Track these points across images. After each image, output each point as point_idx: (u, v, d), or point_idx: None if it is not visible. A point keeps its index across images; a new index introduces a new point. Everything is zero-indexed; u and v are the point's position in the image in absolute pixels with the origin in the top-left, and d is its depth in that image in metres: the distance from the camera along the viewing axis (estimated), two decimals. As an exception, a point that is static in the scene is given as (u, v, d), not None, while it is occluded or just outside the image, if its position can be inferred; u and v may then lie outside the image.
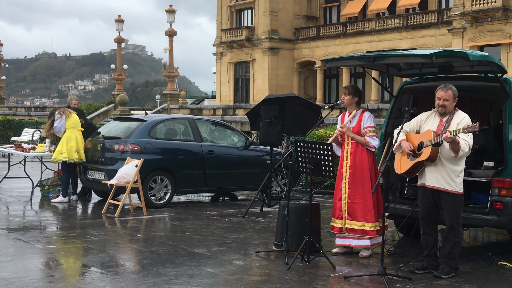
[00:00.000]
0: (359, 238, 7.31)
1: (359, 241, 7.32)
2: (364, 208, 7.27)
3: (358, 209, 7.28)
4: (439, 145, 6.31)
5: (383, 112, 25.89)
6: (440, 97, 6.46)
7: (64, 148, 11.10)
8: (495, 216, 7.01)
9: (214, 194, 13.07)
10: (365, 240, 7.30)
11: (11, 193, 12.44)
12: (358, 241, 7.33)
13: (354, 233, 7.31)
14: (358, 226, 7.28)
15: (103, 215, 10.00)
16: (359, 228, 7.28)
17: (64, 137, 11.22)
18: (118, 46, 46.46)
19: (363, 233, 7.27)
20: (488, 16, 33.32)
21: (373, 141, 7.31)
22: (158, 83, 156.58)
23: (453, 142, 6.14)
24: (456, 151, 6.21)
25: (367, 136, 7.33)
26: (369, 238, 7.27)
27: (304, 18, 48.80)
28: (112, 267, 6.58)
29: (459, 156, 6.27)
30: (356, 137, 7.35)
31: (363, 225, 7.26)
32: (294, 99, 10.84)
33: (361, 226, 7.27)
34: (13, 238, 8.00)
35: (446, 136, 6.09)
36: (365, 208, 7.26)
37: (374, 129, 7.35)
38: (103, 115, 38.58)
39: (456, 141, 6.14)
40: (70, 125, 11.30)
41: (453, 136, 6.08)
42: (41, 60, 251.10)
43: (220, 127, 12.70)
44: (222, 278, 6.25)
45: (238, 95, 50.60)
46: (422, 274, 6.52)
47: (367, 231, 7.25)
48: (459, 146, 6.17)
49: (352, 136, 7.34)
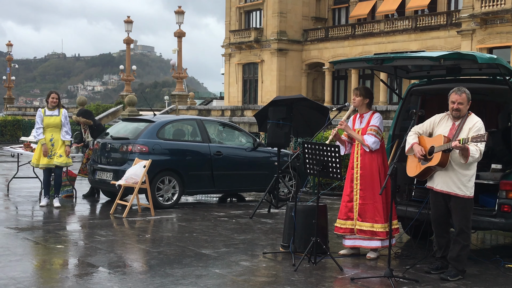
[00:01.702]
0: (369, 239, 7.30)
1: (370, 242, 7.31)
2: (373, 209, 7.26)
3: (368, 210, 7.28)
4: (449, 151, 6.30)
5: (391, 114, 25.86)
6: (455, 100, 6.43)
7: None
8: (502, 219, 7.00)
9: (221, 195, 13.09)
10: (375, 241, 7.29)
11: (20, 193, 12.51)
12: (369, 242, 7.32)
13: (364, 234, 7.30)
14: (368, 227, 7.27)
15: (111, 216, 10.04)
16: (368, 229, 7.27)
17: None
18: (127, 47, 46.58)
19: (373, 234, 7.26)
20: (497, 18, 33.20)
21: (369, 138, 7.25)
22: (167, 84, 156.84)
23: (462, 150, 6.14)
24: (465, 157, 6.19)
25: (366, 134, 7.32)
26: (379, 239, 7.26)
27: (313, 20, 48.78)
28: (119, 267, 6.61)
29: (469, 162, 6.24)
30: (353, 134, 7.35)
31: (372, 226, 7.25)
32: (302, 101, 10.85)
33: (370, 227, 7.27)
34: (21, 237, 8.05)
35: (455, 145, 6.09)
36: (374, 209, 7.26)
37: (376, 129, 7.27)
38: (112, 116, 38.69)
39: (465, 148, 6.13)
40: None
41: (462, 145, 6.06)
42: (51, 61, 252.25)
43: (228, 128, 12.72)
44: (229, 279, 6.27)
45: (246, 96, 50.64)
46: (431, 276, 6.51)
47: (376, 232, 7.24)
48: (468, 152, 6.15)
49: (350, 133, 7.34)
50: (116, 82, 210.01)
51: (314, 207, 7.21)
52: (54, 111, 10.64)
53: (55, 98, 10.66)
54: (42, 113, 10.66)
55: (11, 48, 56.88)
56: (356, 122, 7.48)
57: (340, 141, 7.49)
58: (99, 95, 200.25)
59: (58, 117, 10.63)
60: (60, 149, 10.64)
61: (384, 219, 7.25)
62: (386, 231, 7.23)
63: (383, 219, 7.24)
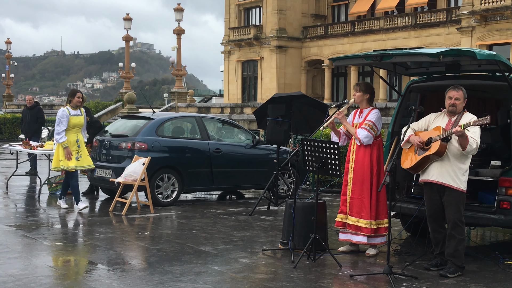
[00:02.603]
0: (354, 234, 7.33)
1: (356, 236, 7.34)
2: (360, 205, 7.28)
3: (355, 205, 7.31)
4: (447, 140, 6.35)
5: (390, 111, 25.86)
6: (452, 96, 6.49)
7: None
8: (502, 216, 6.99)
9: (221, 193, 13.09)
10: (360, 236, 7.30)
11: (19, 190, 12.51)
12: (355, 237, 7.35)
13: (349, 228, 7.35)
14: (353, 222, 7.31)
15: (110, 213, 10.03)
16: (353, 224, 7.30)
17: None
18: (126, 45, 46.54)
19: (357, 229, 7.28)
20: (497, 15, 33.17)
21: (362, 132, 7.24)
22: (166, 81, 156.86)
23: (462, 136, 6.18)
24: (464, 146, 6.24)
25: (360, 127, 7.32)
26: (364, 235, 7.26)
27: (312, 17, 48.73)
28: (119, 265, 6.61)
29: (466, 151, 6.29)
30: (348, 126, 7.38)
31: (358, 221, 7.27)
32: (301, 98, 10.84)
33: (355, 222, 7.29)
34: (20, 235, 8.04)
35: (456, 130, 6.12)
36: (361, 204, 7.27)
37: (371, 124, 7.25)
38: (111, 113, 38.67)
39: (465, 136, 6.19)
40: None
41: (463, 130, 6.11)
42: (50, 58, 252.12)
43: (228, 126, 12.71)
44: (228, 276, 6.26)
45: (245, 93, 50.61)
46: (429, 273, 6.51)
47: (361, 228, 7.25)
48: (467, 141, 6.22)
49: (345, 124, 7.38)
50: (116, 80, 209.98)
51: (313, 204, 7.21)
52: (77, 111, 10.09)
53: (81, 98, 10.16)
54: (68, 113, 9.95)
55: (10, 45, 56.86)
56: (356, 116, 7.50)
57: (334, 131, 7.51)
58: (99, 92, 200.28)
59: (81, 117, 10.08)
60: (85, 150, 10.17)
61: (370, 215, 7.24)
62: (371, 228, 7.24)
63: (369, 215, 7.23)
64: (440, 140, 6.35)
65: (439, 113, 6.72)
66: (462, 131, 6.13)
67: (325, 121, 7.36)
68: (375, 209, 7.28)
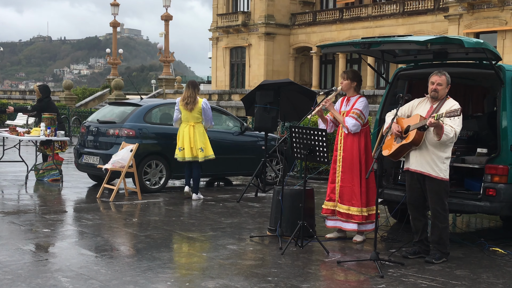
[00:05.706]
0: (346, 221, 7.38)
1: (347, 224, 7.39)
2: (351, 192, 7.32)
3: (345, 193, 7.35)
4: (424, 129, 6.35)
5: (378, 98, 25.94)
6: (434, 81, 6.49)
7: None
8: (487, 203, 7.06)
9: (209, 179, 13.10)
10: (351, 223, 7.35)
11: (6, 177, 12.44)
12: (346, 224, 7.40)
13: (340, 216, 7.39)
14: (344, 210, 7.35)
15: (97, 200, 10.02)
16: (344, 212, 7.35)
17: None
18: (114, 30, 46.27)
19: (348, 217, 7.33)
20: (484, 2, 33.26)
21: (350, 120, 7.26)
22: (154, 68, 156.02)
23: (436, 127, 6.19)
24: (439, 136, 6.24)
25: (347, 116, 7.34)
26: (355, 222, 7.32)
27: (301, 4, 48.62)
28: (106, 251, 6.61)
29: (442, 141, 6.28)
30: (336, 114, 7.39)
31: (349, 209, 7.32)
32: (289, 85, 10.84)
33: (346, 210, 7.33)
34: (7, 221, 8.01)
35: (430, 121, 6.13)
36: (352, 192, 7.31)
37: (358, 112, 7.27)
38: (98, 100, 38.49)
39: (440, 126, 6.18)
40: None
41: (436, 121, 6.11)
42: (36, 44, 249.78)
43: (215, 112, 12.66)
44: (216, 262, 6.29)
45: (233, 80, 50.51)
46: (414, 259, 6.57)
47: (352, 215, 7.30)
48: (442, 130, 6.20)
49: (333, 111, 7.38)
50: (103, 66, 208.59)
51: (301, 191, 7.23)
52: None
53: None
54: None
55: (-4, 31, 56.21)
56: (343, 104, 7.51)
57: (322, 118, 7.52)
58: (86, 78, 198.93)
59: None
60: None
61: (361, 203, 7.29)
62: (362, 215, 7.29)
63: (359, 202, 7.29)
64: (417, 129, 6.35)
65: (422, 98, 6.72)
66: (436, 122, 6.12)
67: (313, 109, 7.37)
68: (365, 196, 7.32)
